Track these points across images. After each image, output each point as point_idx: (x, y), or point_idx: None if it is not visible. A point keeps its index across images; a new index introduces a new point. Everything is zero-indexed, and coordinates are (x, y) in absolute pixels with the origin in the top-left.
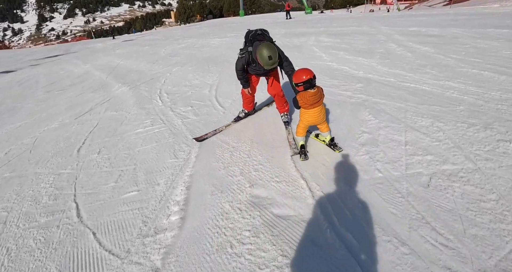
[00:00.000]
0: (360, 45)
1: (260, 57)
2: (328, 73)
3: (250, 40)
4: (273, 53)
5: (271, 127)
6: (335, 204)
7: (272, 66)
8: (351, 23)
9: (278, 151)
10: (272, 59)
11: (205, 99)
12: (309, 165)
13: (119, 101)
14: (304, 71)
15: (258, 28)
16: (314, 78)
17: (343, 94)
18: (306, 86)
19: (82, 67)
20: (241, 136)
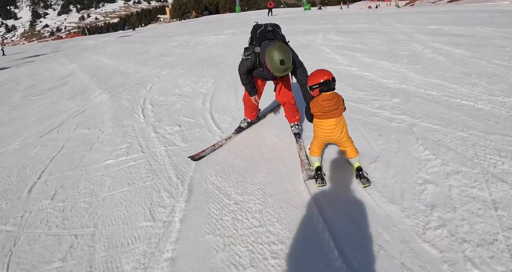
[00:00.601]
0: (379, 45)
1: (269, 61)
2: (349, 82)
3: (258, 38)
4: (286, 56)
5: (282, 141)
6: None
7: (284, 73)
8: (359, 20)
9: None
10: (285, 64)
11: (197, 115)
12: (329, 195)
13: (95, 113)
14: (321, 71)
15: (268, 23)
16: (333, 81)
17: (378, 114)
18: (322, 88)
19: (68, 67)
20: (247, 173)
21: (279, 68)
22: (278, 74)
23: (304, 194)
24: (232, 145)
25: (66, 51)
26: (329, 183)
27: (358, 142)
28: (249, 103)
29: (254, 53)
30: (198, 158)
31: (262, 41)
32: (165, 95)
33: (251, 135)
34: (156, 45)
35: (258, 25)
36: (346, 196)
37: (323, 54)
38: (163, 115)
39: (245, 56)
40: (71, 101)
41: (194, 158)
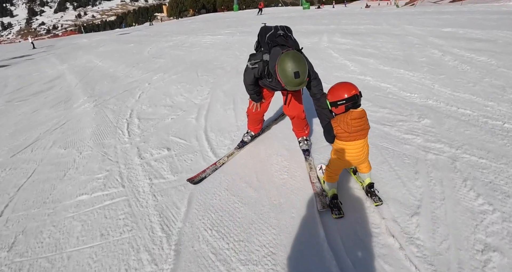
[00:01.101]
0: (392, 50)
1: (281, 73)
2: (367, 95)
3: (268, 43)
4: (301, 68)
5: (292, 173)
6: None
7: (298, 87)
8: (364, 20)
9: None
10: (300, 78)
11: (189, 135)
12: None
13: (75, 127)
14: (345, 85)
15: (278, 26)
16: (360, 96)
17: (409, 141)
18: (350, 105)
19: (58, 68)
20: (252, 227)
21: (292, 82)
22: (291, 88)
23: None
24: (232, 177)
25: (58, 50)
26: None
27: (391, 183)
28: (254, 116)
29: (262, 62)
30: (198, 181)
31: (272, 47)
32: (155, 106)
33: (255, 153)
34: (150, 45)
35: (267, 27)
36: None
37: (331, 59)
38: (150, 133)
39: (251, 64)
40: (54, 110)
41: (193, 181)
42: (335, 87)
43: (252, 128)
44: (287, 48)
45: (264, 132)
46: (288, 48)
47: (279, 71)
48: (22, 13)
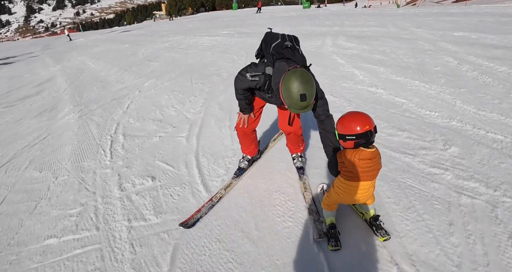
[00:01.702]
0: (403, 56)
1: (286, 94)
2: (380, 113)
3: (272, 55)
4: (309, 90)
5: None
6: None
7: (303, 111)
8: (369, 22)
9: None
10: (306, 101)
11: (178, 159)
12: None
13: (55, 144)
14: (359, 116)
15: (286, 35)
16: (375, 131)
17: (437, 177)
18: (360, 142)
19: (51, 70)
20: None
21: (297, 105)
22: (294, 111)
23: None
24: (226, 223)
25: (54, 50)
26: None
27: (421, 238)
28: (243, 132)
29: (264, 75)
30: (193, 224)
31: (277, 60)
32: (143, 120)
33: (252, 198)
34: (145, 47)
35: (273, 35)
36: None
37: (337, 66)
38: (135, 156)
39: (251, 75)
40: (37, 120)
41: (187, 224)
42: (347, 118)
43: (246, 150)
44: (293, 63)
45: (264, 155)
46: (295, 64)
47: (283, 90)
48: (21, 10)
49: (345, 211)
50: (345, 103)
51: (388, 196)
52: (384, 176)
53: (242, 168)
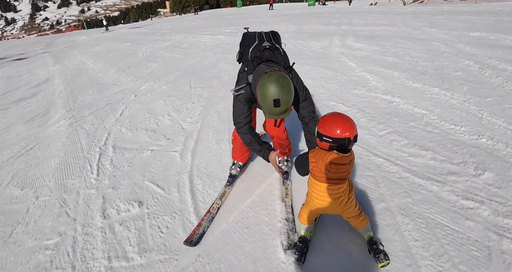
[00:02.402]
0: (418, 59)
1: (261, 99)
2: (399, 127)
3: (252, 60)
4: (283, 96)
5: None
6: None
7: (277, 117)
8: (378, 20)
9: None
10: (280, 107)
11: (170, 180)
12: None
13: (41, 156)
14: (342, 121)
15: (263, 33)
16: (354, 140)
17: (471, 212)
18: (336, 147)
19: (50, 69)
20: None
21: (271, 110)
22: (270, 117)
23: None
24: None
25: (55, 49)
26: None
27: None
28: (238, 144)
29: (248, 85)
30: (197, 240)
31: (258, 64)
32: (135, 129)
33: (249, 237)
34: (146, 46)
35: (250, 35)
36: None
37: (347, 70)
38: (123, 174)
39: (236, 91)
40: (27, 126)
41: (191, 241)
42: (330, 118)
43: (239, 158)
44: (274, 65)
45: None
46: (275, 66)
47: (258, 95)
48: (26, 8)
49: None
50: (358, 113)
51: (415, 237)
52: (409, 211)
53: (234, 175)
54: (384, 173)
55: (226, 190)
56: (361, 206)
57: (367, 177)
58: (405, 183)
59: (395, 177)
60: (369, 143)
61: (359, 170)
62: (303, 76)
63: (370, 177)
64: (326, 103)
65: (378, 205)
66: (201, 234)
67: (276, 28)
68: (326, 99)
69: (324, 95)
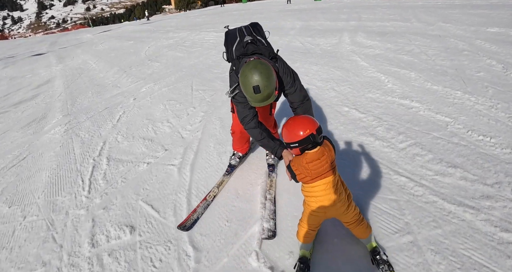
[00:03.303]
0: (436, 58)
1: (242, 86)
2: (422, 138)
3: (238, 58)
4: (263, 82)
5: None
6: None
7: (261, 104)
8: (388, 15)
9: None
10: (261, 93)
11: (166, 201)
12: None
13: (33, 167)
14: (298, 122)
15: (243, 27)
16: (318, 133)
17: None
18: (306, 147)
19: (52, 69)
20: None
21: (253, 98)
22: (254, 105)
23: None
24: None
25: (59, 48)
26: None
27: None
28: (242, 134)
29: (239, 85)
30: (191, 225)
31: (243, 61)
32: (132, 138)
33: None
34: (149, 44)
35: (231, 32)
36: None
37: (358, 70)
38: (115, 191)
39: (230, 92)
40: (22, 132)
41: (185, 226)
42: (287, 127)
43: (239, 148)
44: (256, 56)
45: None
46: (255, 57)
47: (241, 84)
48: (32, 7)
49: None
50: (374, 121)
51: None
52: (440, 246)
53: (233, 165)
54: (408, 196)
55: (224, 179)
56: (383, 238)
57: (389, 201)
58: (433, 210)
59: (421, 202)
60: (389, 158)
61: (379, 192)
62: (312, 77)
63: (392, 201)
64: (338, 109)
65: (403, 238)
66: (195, 220)
67: (282, 24)
68: (338, 104)
69: (336, 99)
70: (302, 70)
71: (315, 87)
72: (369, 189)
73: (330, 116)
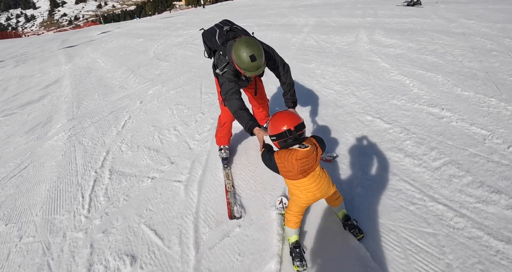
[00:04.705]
0: (462, 59)
1: (238, 60)
2: (456, 153)
3: (223, 44)
4: (256, 51)
5: None
6: None
7: (257, 71)
8: (406, 11)
9: None
10: (257, 60)
11: (171, 226)
12: None
13: (33, 179)
14: (278, 117)
15: (218, 24)
16: (297, 130)
17: None
18: (287, 142)
19: (62, 69)
20: None
21: (250, 66)
22: (251, 73)
23: None
24: None
25: (69, 46)
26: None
27: None
28: (225, 127)
29: (229, 63)
30: (240, 214)
31: (229, 43)
32: (137, 147)
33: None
34: (158, 42)
35: (208, 30)
36: None
37: (380, 72)
38: (117, 211)
39: (221, 70)
40: (26, 138)
41: (235, 217)
42: (271, 121)
43: (225, 142)
44: (239, 36)
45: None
46: (242, 36)
47: (235, 59)
48: (45, 5)
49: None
50: (401, 133)
51: None
52: None
53: (226, 157)
54: (447, 229)
55: (227, 171)
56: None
57: (425, 236)
58: (478, 248)
59: (464, 237)
60: (422, 180)
61: (414, 223)
62: (330, 80)
63: (429, 235)
64: (360, 117)
65: None
66: (235, 209)
67: (294, 20)
68: (360, 112)
69: (357, 106)
70: (318, 72)
71: (334, 91)
72: (401, 219)
73: (352, 126)
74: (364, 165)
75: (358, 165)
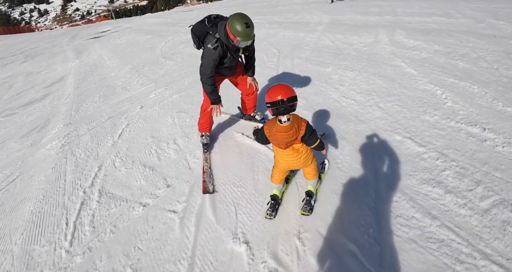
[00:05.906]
0: (497, 66)
1: (233, 29)
2: (507, 190)
3: (211, 26)
4: (250, 21)
5: None
6: None
7: (250, 38)
8: (426, 9)
9: None
10: (250, 28)
11: (162, 269)
12: None
13: (20, 195)
14: (276, 87)
15: (205, 18)
16: (292, 100)
17: None
18: (279, 110)
19: (68, 65)
20: None
21: (244, 32)
22: (245, 39)
23: None
24: None
25: (79, 41)
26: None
27: None
28: (207, 113)
29: (219, 40)
30: (213, 189)
31: (220, 23)
32: (131, 163)
33: None
34: (166, 39)
35: (198, 24)
36: None
37: (406, 80)
38: (101, 247)
39: (212, 44)
40: (20, 144)
41: (209, 191)
42: (270, 88)
43: (207, 129)
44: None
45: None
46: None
47: (230, 28)
48: (58, 0)
49: None
50: (438, 160)
51: None
52: None
53: (206, 143)
54: None
55: (206, 155)
56: None
57: None
58: None
59: None
60: (469, 226)
61: None
62: (350, 88)
63: None
64: (388, 137)
65: None
66: (209, 185)
67: (307, 18)
68: (387, 130)
69: (383, 122)
70: (336, 78)
71: (355, 102)
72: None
73: (379, 148)
74: (396, 202)
75: (388, 203)
